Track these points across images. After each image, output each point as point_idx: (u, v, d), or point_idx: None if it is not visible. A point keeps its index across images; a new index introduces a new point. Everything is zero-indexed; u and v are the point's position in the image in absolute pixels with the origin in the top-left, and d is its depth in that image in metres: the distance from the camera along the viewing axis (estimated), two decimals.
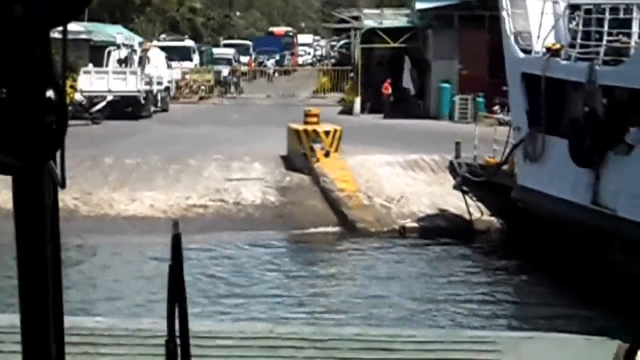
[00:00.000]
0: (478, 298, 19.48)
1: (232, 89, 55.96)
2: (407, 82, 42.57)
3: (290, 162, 28.50)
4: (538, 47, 21.10)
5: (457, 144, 26.17)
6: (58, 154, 1.74)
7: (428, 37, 41.33)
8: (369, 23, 47.87)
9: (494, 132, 25.15)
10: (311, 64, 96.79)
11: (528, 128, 21.29)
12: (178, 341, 2.41)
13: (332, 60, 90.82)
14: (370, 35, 44.86)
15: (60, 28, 1.71)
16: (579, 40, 20.04)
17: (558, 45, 20.40)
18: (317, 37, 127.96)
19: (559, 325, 16.36)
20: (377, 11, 51.26)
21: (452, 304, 19.05)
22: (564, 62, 20.13)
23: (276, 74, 70.37)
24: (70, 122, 1.74)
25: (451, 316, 18.21)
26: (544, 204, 20.65)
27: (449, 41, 39.71)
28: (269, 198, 26.30)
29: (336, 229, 24.51)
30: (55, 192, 1.83)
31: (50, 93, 1.67)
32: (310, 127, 28.07)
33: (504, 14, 21.92)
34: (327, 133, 27.88)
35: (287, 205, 25.95)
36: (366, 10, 53.08)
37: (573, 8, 20.93)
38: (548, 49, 20.51)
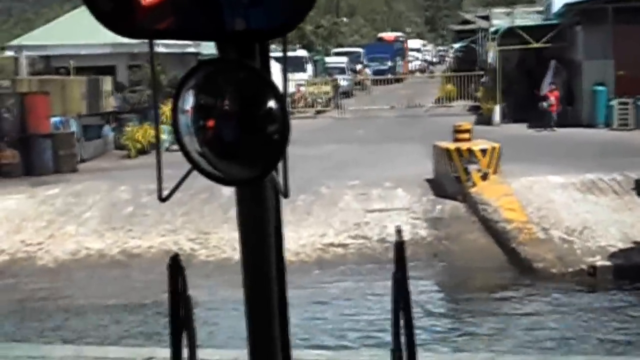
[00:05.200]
0: None
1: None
2: (545, 87, 37.81)
3: (439, 188, 24.04)
4: None
5: None
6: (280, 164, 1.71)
7: (576, 34, 36.37)
8: (499, 23, 43.44)
9: None
10: (421, 71, 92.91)
11: None
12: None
13: (446, 65, 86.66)
14: (504, 36, 40.23)
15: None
16: None
17: None
18: (424, 42, 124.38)
19: None
20: (507, 10, 46.71)
21: None
22: None
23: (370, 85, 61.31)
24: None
25: None
26: None
27: (602, 38, 34.68)
28: (419, 232, 21.96)
29: (507, 270, 20.03)
30: (278, 203, 1.92)
31: (271, 103, 1.66)
32: (463, 145, 23.51)
33: None
34: (483, 152, 23.31)
35: (441, 241, 21.59)
36: (495, 10, 48.63)
37: None
38: None
